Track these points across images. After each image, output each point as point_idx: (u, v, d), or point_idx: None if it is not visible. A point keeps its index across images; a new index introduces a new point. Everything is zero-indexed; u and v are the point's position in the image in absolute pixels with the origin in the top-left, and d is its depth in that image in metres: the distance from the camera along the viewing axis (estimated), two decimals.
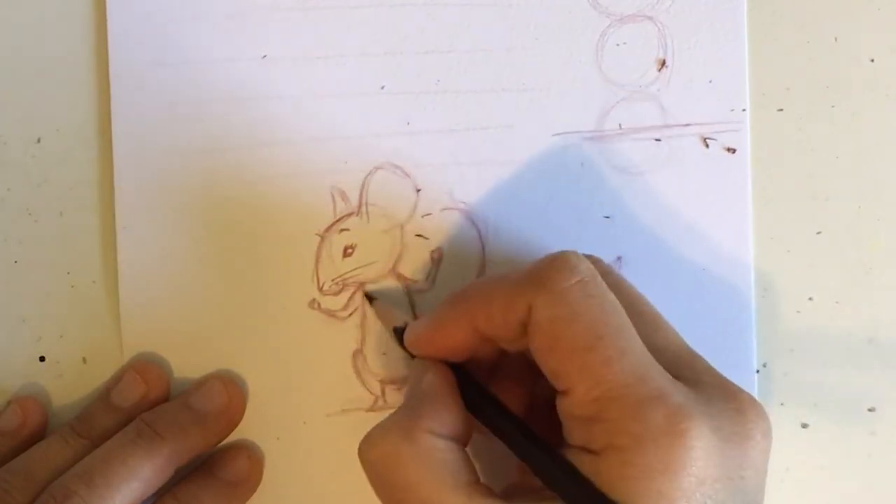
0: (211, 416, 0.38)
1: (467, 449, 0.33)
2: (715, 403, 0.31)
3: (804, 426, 0.39)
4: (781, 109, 0.40)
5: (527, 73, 0.39)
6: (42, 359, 0.39)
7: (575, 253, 0.32)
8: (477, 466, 0.33)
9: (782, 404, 0.39)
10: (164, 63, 0.39)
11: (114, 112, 0.39)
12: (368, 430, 0.32)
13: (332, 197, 0.39)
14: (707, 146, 0.39)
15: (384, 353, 0.39)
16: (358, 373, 0.39)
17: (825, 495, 0.39)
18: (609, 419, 0.30)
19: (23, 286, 0.39)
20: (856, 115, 0.40)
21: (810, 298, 0.40)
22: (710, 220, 0.39)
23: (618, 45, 0.39)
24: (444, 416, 0.33)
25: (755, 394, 0.39)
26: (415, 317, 0.39)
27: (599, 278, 0.32)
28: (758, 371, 0.39)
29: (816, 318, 0.39)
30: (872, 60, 0.40)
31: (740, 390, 0.32)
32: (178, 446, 0.36)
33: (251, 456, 0.39)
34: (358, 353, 0.39)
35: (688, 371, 0.32)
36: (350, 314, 0.39)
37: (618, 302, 0.32)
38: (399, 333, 0.36)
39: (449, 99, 0.39)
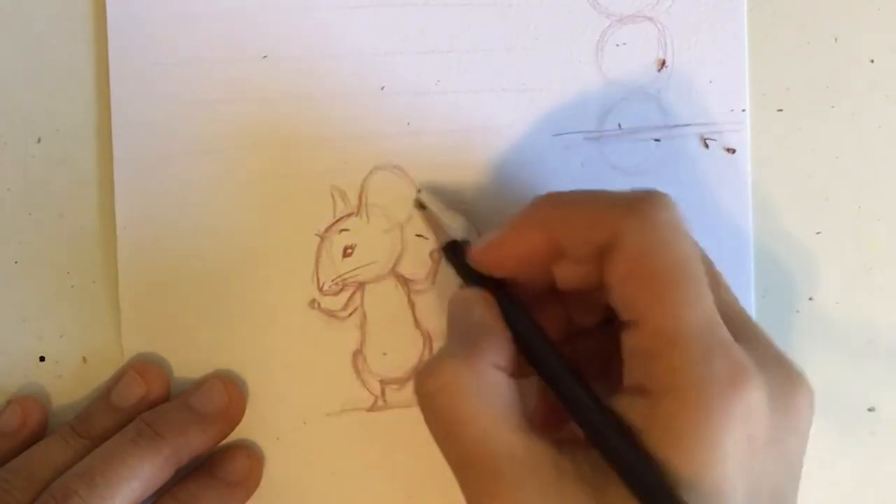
0: (211, 416, 0.38)
1: None
2: (768, 368, 0.30)
3: None
4: (781, 109, 0.40)
5: (527, 73, 0.39)
6: (42, 359, 0.39)
7: (667, 195, 0.32)
8: None
9: None
10: (164, 63, 0.39)
11: (114, 112, 0.39)
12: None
13: (332, 197, 0.39)
14: (707, 146, 0.39)
15: (384, 354, 0.39)
16: (358, 373, 0.39)
17: (825, 495, 0.39)
18: (676, 358, 0.29)
19: (23, 286, 0.39)
20: (856, 115, 0.40)
21: (810, 298, 0.40)
22: (710, 220, 0.39)
23: (618, 45, 0.39)
24: (503, 350, 0.32)
25: None
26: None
27: (687, 224, 0.31)
28: None
29: (816, 318, 0.39)
30: (872, 60, 0.40)
31: (789, 359, 0.32)
32: (179, 446, 0.36)
33: (251, 456, 0.39)
34: (358, 353, 0.39)
35: (745, 332, 0.32)
36: (350, 314, 0.39)
37: (698, 249, 0.31)
38: (450, 249, 0.36)
39: (449, 99, 0.39)
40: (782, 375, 0.31)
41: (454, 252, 0.36)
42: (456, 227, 0.37)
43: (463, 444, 0.31)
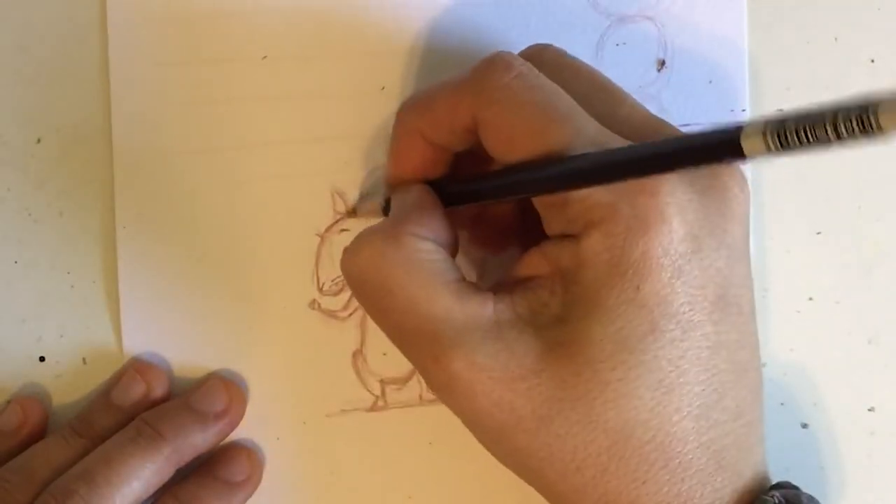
0: (211, 417, 0.38)
1: None
2: None
3: (804, 426, 0.39)
4: (781, 109, 0.40)
5: None
6: (42, 359, 0.39)
7: (508, 52, 0.32)
8: None
9: (782, 404, 0.39)
10: (164, 63, 0.39)
11: (114, 112, 0.39)
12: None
13: (332, 197, 0.39)
14: None
15: (384, 354, 0.39)
16: (358, 373, 0.39)
17: (825, 495, 0.39)
18: (580, 197, 0.30)
19: (23, 286, 0.39)
20: None
21: (810, 298, 0.40)
22: None
23: (618, 45, 0.39)
24: (428, 222, 0.32)
25: None
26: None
27: (536, 70, 0.32)
28: None
29: (816, 318, 0.39)
30: (872, 60, 0.40)
31: None
32: (179, 446, 0.36)
33: (251, 456, 0.39)
34: (358, 353, 0.39)
35: (655, 137, 0.31)
36: (350, 314, 0.39)
37: (560, 89, 0.31)
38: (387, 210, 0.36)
39: None
40: None
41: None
42: (379, 200, 0.37)
43: (396, 315, 0.31)
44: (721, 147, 0.26)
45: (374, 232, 0.32)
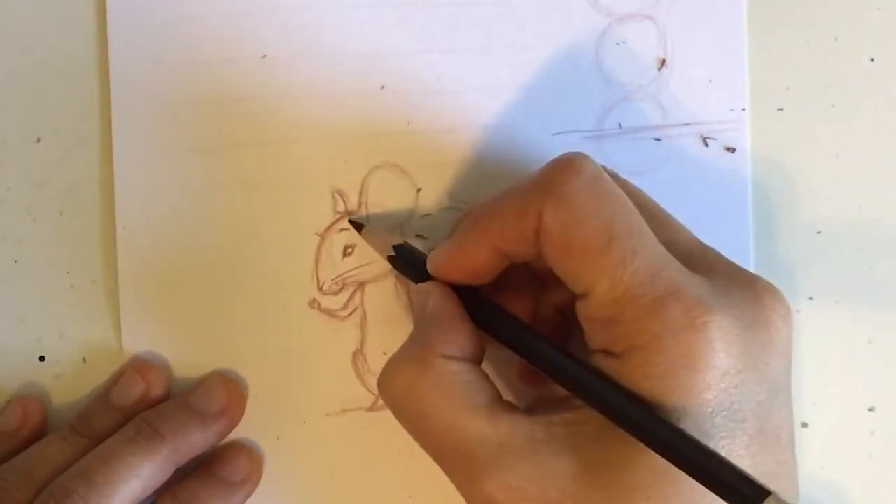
0: (211, 416, 0.38)
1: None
2: (732, 293, 0.30)
3: (804, 426, 0.39)
4: (781, 109, 0.40)
5: (527, 73, 0.39)
6: (42, 359, 0.39)
7: (580, 153, 0.32)
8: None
9: None
10: (164, 63, 0.39)
11: (114, 112, 0.39)
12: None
13: (333, 197, 0.39)
14: (707, 145, 0.39)
15: (384, 353, 0.39)
16: (358, 373, 0.39)
17: (826, 495, 0.39)
18: (628, 320, 0.30)
19: (23, 286, 0.39)
20: (856, 115, 0.40)
21: (810, 298, 0.39)
22: (710, 220, 0.39)
23: (617, 44, 0.39)
24: (455, 338, 0.32)
25: None
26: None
27: (606, 176, 0.31)
28: None
29: (816, 318, 0.39)
30: (872, 60, 0.40)
31: (757, 278, 0.32)
32: (178, 445, 0.36)
33: (251, 455, 0.39)
34: (358, 353, 0.39)
35: (703, 263, 0.32)
36: (350, 314, 0.39)
37: (628, 199, 0.31)
38: (395, 258, 0.36)
39: (449, 99, 0.39)
40: (751, 297, 0.31)
41: (401, 258, 0.36)
42: (392, 240, 0.37)
43: (434, 439, 0.32)
44: (741, 496, 0.27)
45: (405, 358, 0.32)
